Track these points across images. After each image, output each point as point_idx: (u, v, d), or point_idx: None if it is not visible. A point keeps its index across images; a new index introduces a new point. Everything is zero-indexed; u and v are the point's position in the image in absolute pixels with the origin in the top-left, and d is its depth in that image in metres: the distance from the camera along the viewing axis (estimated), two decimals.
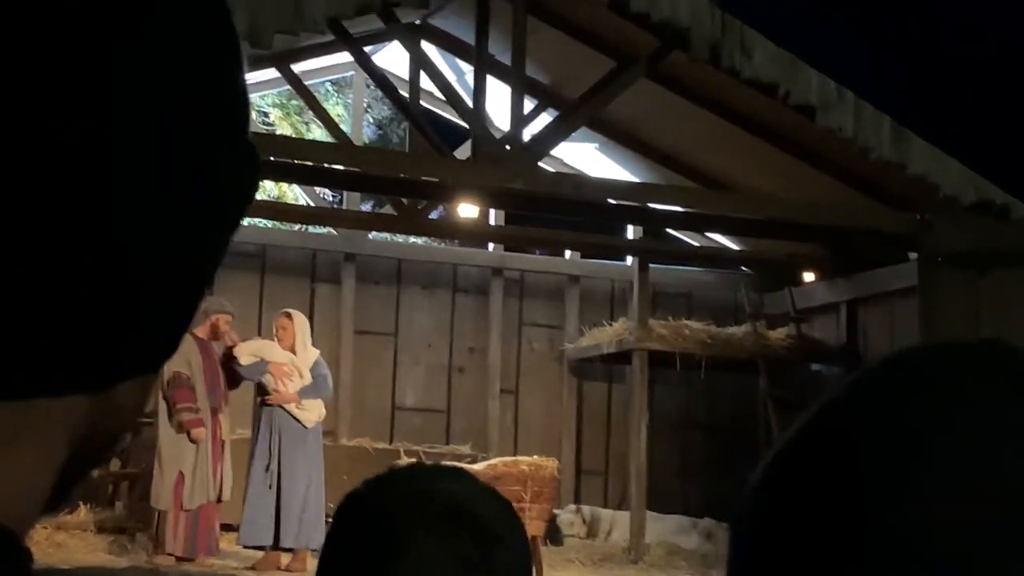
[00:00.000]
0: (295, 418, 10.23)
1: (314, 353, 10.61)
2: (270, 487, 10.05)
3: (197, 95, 0.59)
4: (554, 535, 12.74)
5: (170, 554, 9.78)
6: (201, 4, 0.60)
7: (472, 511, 1.38)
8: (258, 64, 12.94)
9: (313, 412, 10.35)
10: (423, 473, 1.45)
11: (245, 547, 10.21)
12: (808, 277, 14.05)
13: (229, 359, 10.32)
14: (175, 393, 9.90)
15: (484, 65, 11.54)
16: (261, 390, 10.34)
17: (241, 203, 0.63)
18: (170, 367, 9.96)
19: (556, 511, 12.58)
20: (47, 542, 10.51)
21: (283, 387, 10.25)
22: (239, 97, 0.62)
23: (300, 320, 10.66)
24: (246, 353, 10.38)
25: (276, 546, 9.99)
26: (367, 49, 12.72)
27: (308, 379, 10.39)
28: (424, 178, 11.31)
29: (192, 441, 9.86)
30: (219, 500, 10.08)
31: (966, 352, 0.67)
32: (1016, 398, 0.64)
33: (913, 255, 11.82)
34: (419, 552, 1.35)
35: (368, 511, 1.41)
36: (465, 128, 12.24)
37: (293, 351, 10.45)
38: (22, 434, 0.58)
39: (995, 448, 0.62)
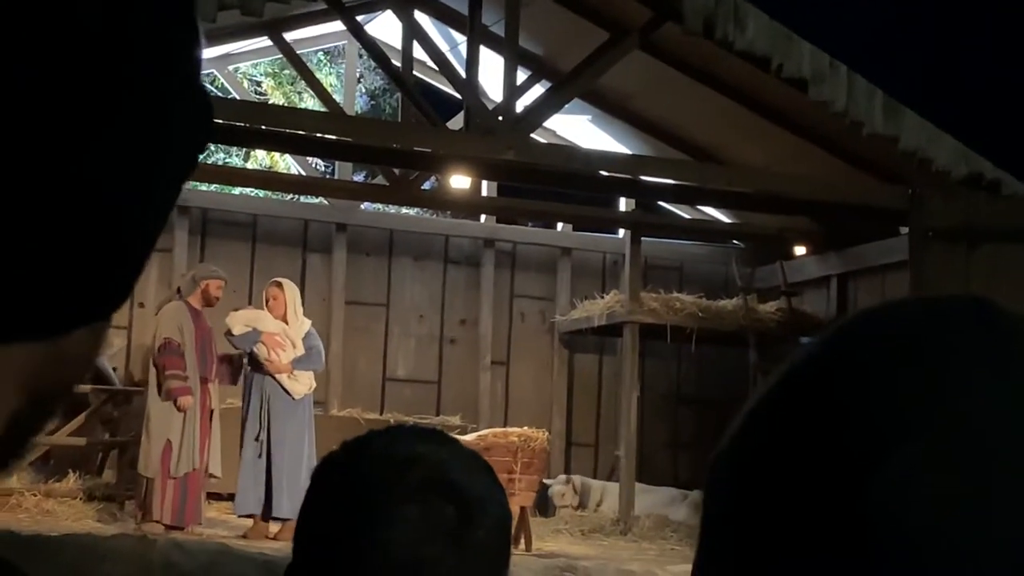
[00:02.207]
0: (285, 389, 10.21)
1: (306, 323, 10.59)
2: (259, 456, 10.04)
3: (142, 49, 0.59)
4: (544, 505, 12.78)
5: (157, 521, 9.78)
6: None
7: (453, 478, 1.37)
8: (250, 32, 12.91)
9: (303, 383, 10.33)
10: (403, 437, 1.43)
11: (239, 516, 10.21)
12: (799, 251, 14.05)
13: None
14: (164, 360, 9.89)
15: (477, 35, 11.51)
16: (252, 360, 10.32)
17: (190, 154, 0.63)
18: (161, 334, 9.96)
19: (547, 481, 12.61)
20: (36, 509, 10.52)
21: (276, 357, 10.24)
22: (185, 53, 0.62)
23: (291, 289, 10.63)
24: (238, 323, 10.36)
25: (268, 515, 9.99)
26: (360, 18, 12.68)
27: (301, 349, 10.37)
28: (416, 148, 11.28)
29: (179, 409, 9.85)
30: (207, 473, 10.07)
31: (949, 308, 0.65)
32: (1001, 358, 0.62)
33: (904, 229, 11.82)
34: (401, 521, 1.35)
35: (348, 476, 1.39)
36: (458, 99, 12.21)
37: (285, 320, 10.42)
38: None
39: (982, 413, 0.60)
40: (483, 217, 14.64)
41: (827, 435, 0.62)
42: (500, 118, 10.88)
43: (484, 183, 13.69)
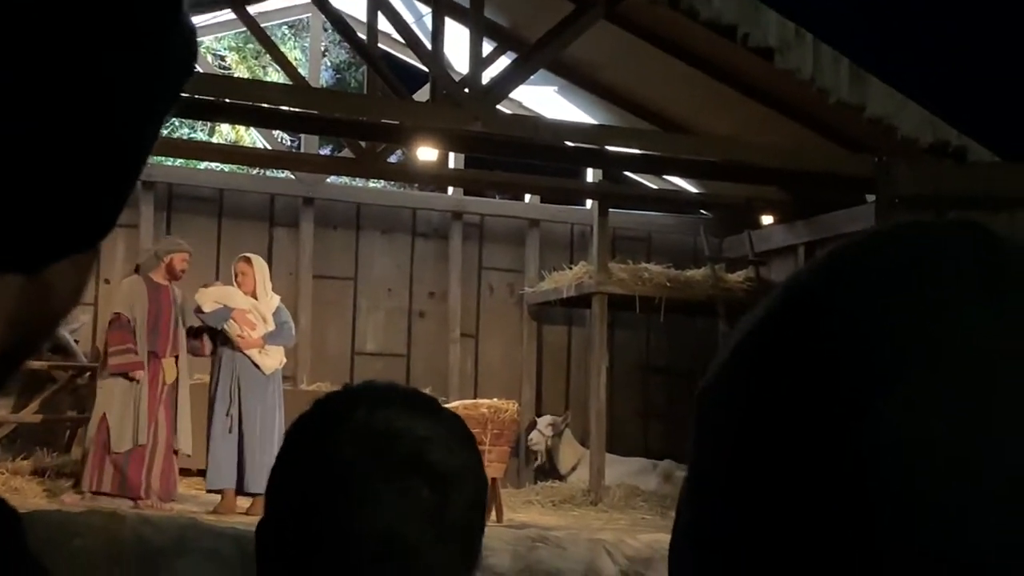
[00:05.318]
0: (255, 364, 10.19)
1: (275, 299, 10.57)
2: (230, 431, 10.04)
3: None
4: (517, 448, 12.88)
5: (82, 492, 9.81)
6: None
7: (432, 458, 1.37)
8: (213, 5, 12.82)
9: (273, 358, 10.33)
10: (381, 404, 1.41)
11: (210, 491, 10.21)
12: (766, 220, 14.07)
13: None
14: (111, 335, 9.94)
15: (443, 7, 11.45)
16: (222, 336, 10.29)
17: (174, 85, 0.62)
18: (112, 309, 9.98)
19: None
20: (4, 487, 10.46)
21: (247, 333, 10.21)
22: None
23: (260, 264, 10.59)
24: (209, 300, 10.31)
25: (240, 490, 9.99)
26: None
27: (272, 325, 10.35)
28: (383, 121, 11.24)
29: (131, 380, 9.85)
30: (174, 449, 10.07)
31: (945, 234, 0.62)
32: (998, 287, 0.59)
33: (871, 197, 11.86)
34: (378, 501, 1.34)
35: (325, 446, 1.38)
36: (424, 71, 12.17)
37: (254, 296, 10.39)
38: None
39: (978, 346, 0.57)
40: (451, 190, 14.61)
41: (817, 370, 0.59)
42: (466, 89, 10.85)
43: (451, 155, 13.65)
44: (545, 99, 14.21)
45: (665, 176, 14.60)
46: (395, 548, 1.34)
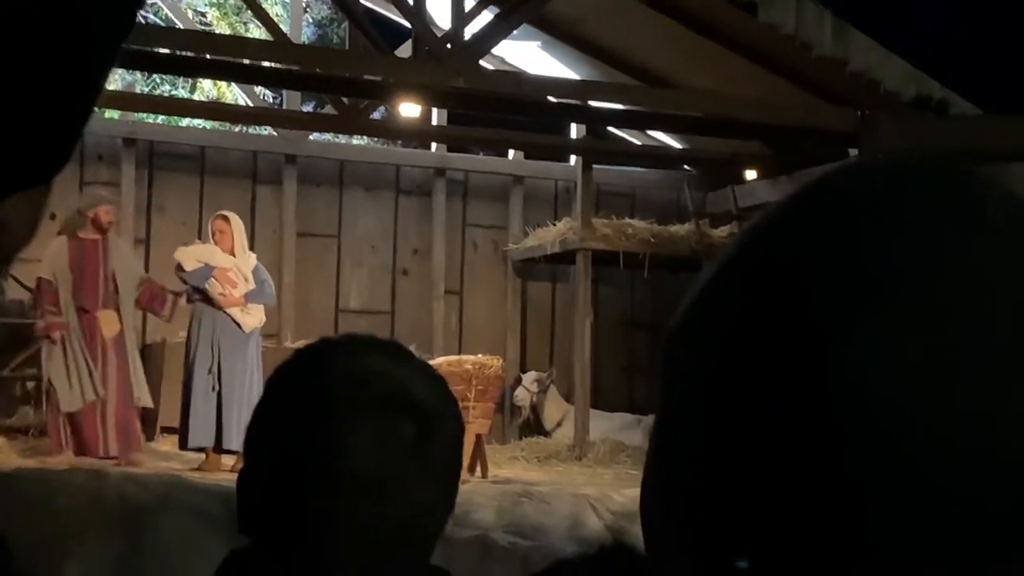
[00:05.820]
0: (236, 322, 10.17)
1: (252, 257, 10.54)
2: (212, 389, 10.03)
3: None
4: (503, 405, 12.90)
5: (77, 454, 9.82)
6: None
7: (412, 393, 1.37)
8: None
9: (254, 317, 10.31)
10: (361, 351, 1.42)
11: (189, 449, 10.20)
12: (750, 175, 14.06)
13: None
14: (40, 300, 9.97)
15: None
16: (202, 294, 10.26)
17: (126, 16, 0.61)
18: (35, 275, 10.00)
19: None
20: None
21: (229, 292, 10.19)
22: None
23: (237, 222, 10.54)
24: (190, 258, 10.27)
25: (218, 448, 9.99)
26: None
27: (252, 283, 10.32)
28: (365, 77, 11.18)
29: (52, 342, 9.86)
30: (135, 403, 10.09)
31: (914, 171, 0.61)
32: (966, 223, 0.59)
33: (854, 152, 11.85)
34: (362, 432, 1.34)
35: (307, 387, 1.38)
36: (406, 26, 12.09)
37: (232, 254, 10.36)
38: None
39: (946, 281, 0.57)
40: (434, 146, 14.56)
41: (787, 308, 0.59)
42: (449, 45, 10.79)
43: (434, 112, 13.60)
44: (528, 55, 14.14)
45: (649, 131, 14.57)
46: (377, 478, 1.34)
